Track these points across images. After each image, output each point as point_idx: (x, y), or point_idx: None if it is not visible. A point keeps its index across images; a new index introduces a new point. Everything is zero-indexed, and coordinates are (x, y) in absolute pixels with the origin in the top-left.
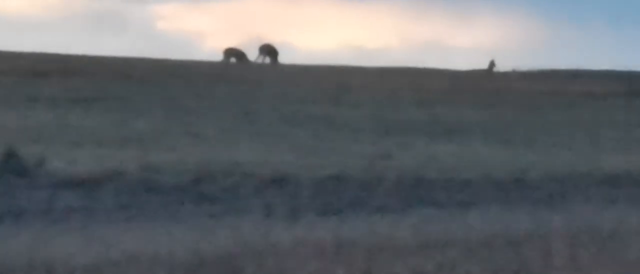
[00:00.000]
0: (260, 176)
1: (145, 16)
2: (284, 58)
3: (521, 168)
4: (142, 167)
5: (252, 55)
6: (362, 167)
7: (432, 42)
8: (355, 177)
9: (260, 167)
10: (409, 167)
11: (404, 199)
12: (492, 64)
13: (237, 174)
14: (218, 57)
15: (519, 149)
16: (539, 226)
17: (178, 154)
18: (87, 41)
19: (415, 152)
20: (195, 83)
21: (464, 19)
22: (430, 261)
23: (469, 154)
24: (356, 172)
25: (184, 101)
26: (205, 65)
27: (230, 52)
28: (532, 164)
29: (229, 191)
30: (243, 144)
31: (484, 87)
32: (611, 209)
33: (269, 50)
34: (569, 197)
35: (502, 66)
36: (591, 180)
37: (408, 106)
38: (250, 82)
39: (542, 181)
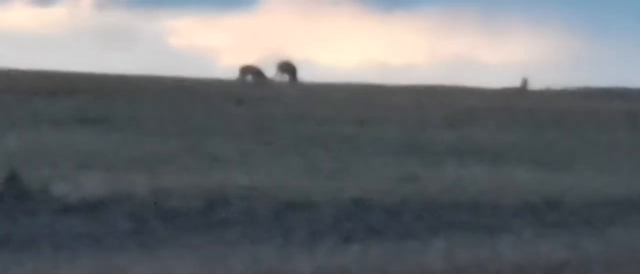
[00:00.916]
0: (278, 201)
1: (156, 32)
2: (303, 76)
3: (556, 192)
4: (153, 191)
5: (270, 72)
6: (387, 191)
7: (460, 59)
8: (380, 202)
9: (278, 191)
10: (437, 191)
11: (431, 225)
12: (524, 82)
13: (253, 199)
14: (234, 75)
15: (554, 172)
16: (575, 253)
17: (191, 177)
18: (95, 58)
19: (443, 174)
20: (208, 102)
21: (495, 35)
22: None
23: (500, 176)
24: (380, 196)
25: (196, 121)
26: (219, 84)
27: (247, 70)
28: (568, 188)
29: (244, 217)
30: (259, 167)
31: (516, 107)
32: None
33: (287, 68)
34: (607, 223)
35: (535, 84)
36: (630, 205)
37: (435, 126)
38: (267, 102)
39: (579, 206)
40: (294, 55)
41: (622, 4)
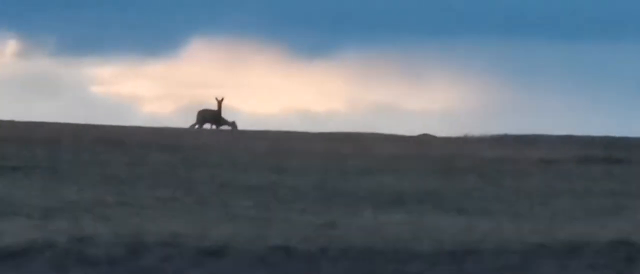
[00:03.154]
0: (199, 248)
1: (78, 80)
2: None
3: (474, 239)
4: (74, 238)
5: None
6: (306, 238)
7: (381, 106)
8: (299, 249)
9: (199, 238)
10: (356, 238)
11: (349, 271)
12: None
13: (174, 246)
14: (156, 121)
15: (472, 218)
16: None
17: (111, 224)
18: (17, 106)
19: (362, 222)
20: (130, 150)
21: (416, 83)
22: None
23: (418, 224)
24: (300, 243)
25: (117, 169)
26: (140, 131)
27: (204, 115)
28: (486, 235)
29: (165, 264)
30: (180, 214)
31: (435, 154)
32: None
33: (208, 116)
34: (525, 269)
35: (453, 132)
36: (547, 251)
37: (355, 173)
38: (188, 150)
39: (496, 253)
40: (216, 103)
41: (536, 55)
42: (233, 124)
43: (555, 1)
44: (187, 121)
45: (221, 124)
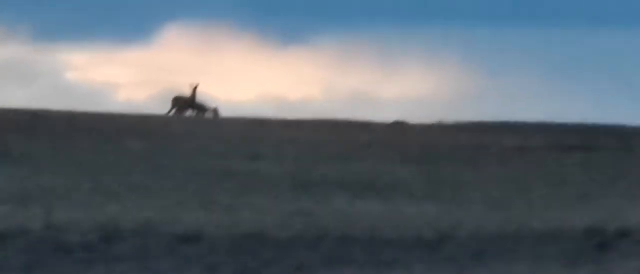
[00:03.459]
0: (174, 235)
1: (53, 66)
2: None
3: (449, 226)
4: (48, 225)
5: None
6: (281, 225)
7: (357, 94)
8: (274, 236)
9: (173, 225)
10: (330, 225)
11: (324, 258)
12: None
13: (148, 233)
14: (131, 108)
15: (447, 206)
16: None
17: (86, 211)
18: None
19: (335, 209)
20: (105, 137)
21: (391, 70)
22: None
23: (393, 211)
24: (274, 230)
25: (92, 156)
26: (114, 118)
27: (178, 102)
28: (460, 222)
29: (139, 251)
30: (155, 201)
31: (409, 141)
32: (542, 268)
33: (182, 103)
34: (499, 257)
35: (428, 119)
36: (522, 238)
37: (329, 160)
38: (163, 136)
39: (471, 240)
40: (190, 89)
41: (515, 41)
42: (215, 111)
43: None
44: (162, 108)
45: (202, 111)
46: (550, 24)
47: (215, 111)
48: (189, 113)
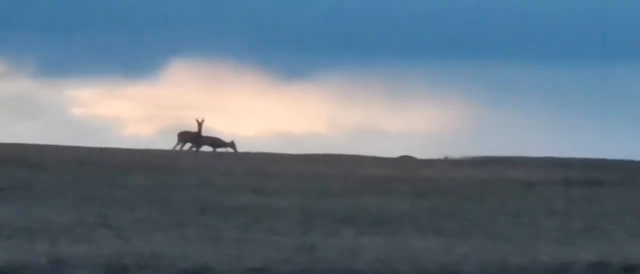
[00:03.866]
0: (179, 269)
1: (59, 102)
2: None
3: (454, 261)
4: (52, 260)
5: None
6: (286, 260)
7: (362, 128)
8: (279, 270)
9: (178, 259)
10: (335, 260)
11: None
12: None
13: (153, 267)
14: (136, 143)
15: (452, 240)
16: None
17: (91, 246)
18: None
19: (341, 243)
20: (110, 172)
21: (396, 105)
22: None
23: (398, 246)
24: (280, 265)
25: (97, 191)
26: (120, 153)
27: (184, 136)
28: (466, 257)
29: None
30: (160, 236)
31: (415, 176)
32: None
33: (188, 138)
34: None
35: (434, 153)
36: (528, 273)
37: (334, 194)
38: (168, 171)
39: None
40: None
41: (516, 77)
42: (232, 145)
43: (535, 24)
44: (167, 142)
45: (220, 146)
46: (556, 59)
47: (232, 144)
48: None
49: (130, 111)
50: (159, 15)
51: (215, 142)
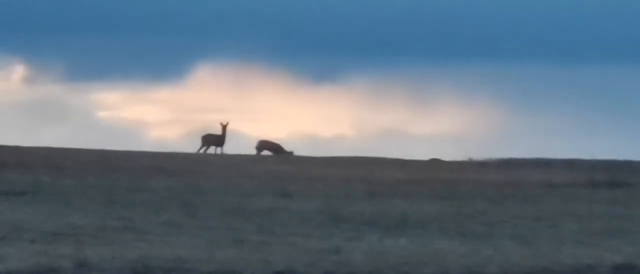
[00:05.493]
0: (204, 273)
1: (85, 105)
2: (231, 148)
3: (479, 263)
4: (78, 263)
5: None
6: (311, 263)
7: (388, 131)
8: (304, 273)
9: (203, 263)
10: (360, 263)
11: None
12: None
13: (178, 271)
14: (162, 146)
15: (477, 243)
16: None
17: (116, 249)
18: (24, 132)
19: (366, 246)
20: (135, 175)
21: (422, 108)
22: None
23: (423, 248)
24: (305, 268)
25: (122, 194)
26: (145, 156)
27: (264, 145)
28: (490, 259)
29: None
30: (185, 239)
31: (440, 178)
32: None
33: (212, 140)
34: None
35: (459, 156)
36: None
37: (360, 197)
38: (193, 175)
39: None
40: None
41: (541, 79)
42: (291, 154)
43: (559, 26)
44: (193, 146)
45: (280, 153)
46: (580, 62)
47: (291, 153)
48: (213, 150)
49: (156, 115)
50: (186, 19)
51: (278, 149)
